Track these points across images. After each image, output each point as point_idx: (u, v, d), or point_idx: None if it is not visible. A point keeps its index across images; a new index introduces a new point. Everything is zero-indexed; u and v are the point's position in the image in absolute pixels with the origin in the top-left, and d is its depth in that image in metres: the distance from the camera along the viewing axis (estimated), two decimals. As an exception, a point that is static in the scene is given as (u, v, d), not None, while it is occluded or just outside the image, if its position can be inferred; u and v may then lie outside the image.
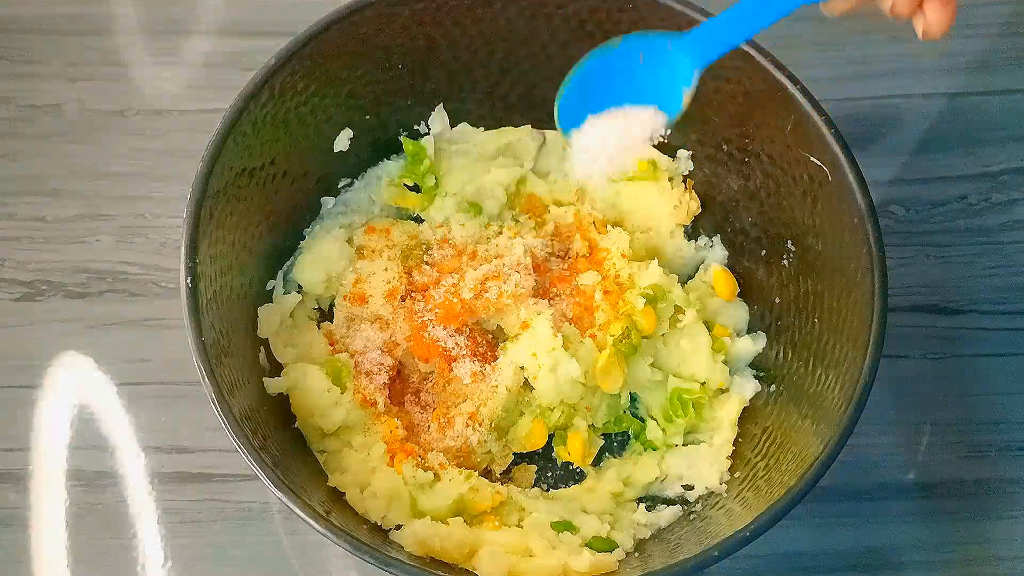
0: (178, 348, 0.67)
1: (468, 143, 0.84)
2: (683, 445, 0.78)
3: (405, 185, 0.84)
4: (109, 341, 0.83)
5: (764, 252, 0.79)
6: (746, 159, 0.77)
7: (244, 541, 0.77)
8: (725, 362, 0.78)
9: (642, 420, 0.79)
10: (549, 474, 0.78)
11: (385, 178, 0.84)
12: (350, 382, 0.75)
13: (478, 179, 0.83)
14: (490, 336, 0.79)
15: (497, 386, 0.75)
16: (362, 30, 0.74)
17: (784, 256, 0.77)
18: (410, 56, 0.78)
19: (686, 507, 0.74)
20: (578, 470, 0.78)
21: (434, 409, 0.76)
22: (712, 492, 0.74)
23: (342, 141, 0.80)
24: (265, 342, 0.76)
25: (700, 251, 0.83)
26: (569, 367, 0.75)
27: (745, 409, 0.77)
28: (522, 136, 0.84)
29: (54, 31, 0.94)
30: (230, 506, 0.78)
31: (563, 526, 0.71)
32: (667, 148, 0.83)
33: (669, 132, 0.68)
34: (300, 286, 0.80)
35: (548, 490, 0.77)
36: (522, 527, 0.72)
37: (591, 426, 0.78)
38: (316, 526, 0.60)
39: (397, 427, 0.74)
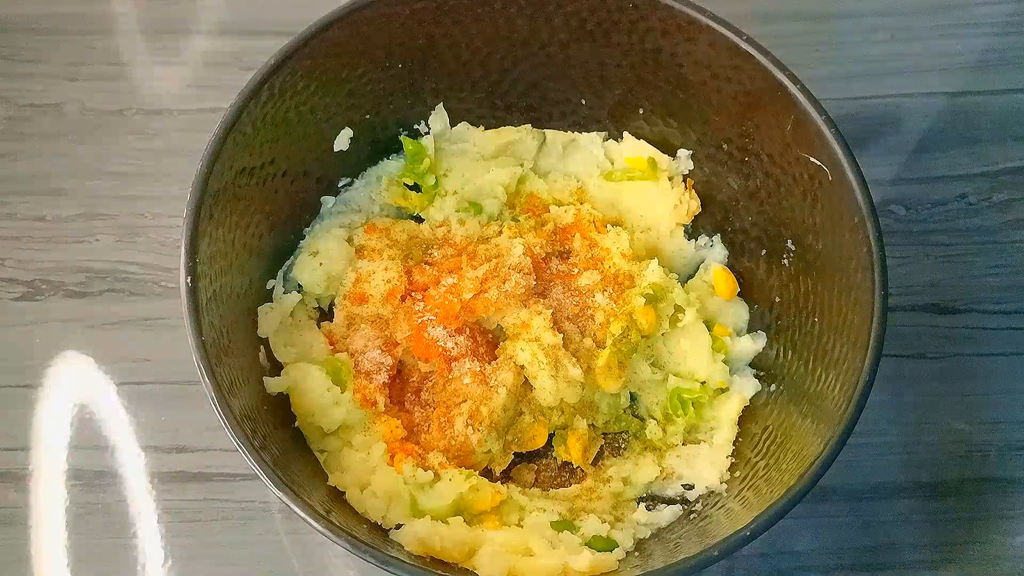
0: (178, 348, 0.67)
1: (468, 143, 0.84)
2: (683, 445, 0.78)
3: (405, 185, 0.84)
4: (109, 341, 0.83)
5: (764, 252, 0.79)
6: (746, 159, 0.77)
7: (244, 541, 0.77)
8: (725, 361, 0.78)
9: (642, 420, 0.79)
10: (549, 474, 0.78)
11: (385, 178, 0.84)
12: (350, 382, 0.75)
13: (478, 179, 0.83)
14: (490, 336, 0.79)
15: (497, 386, 0.75)
16: (362, 29, 0.74)
17: (784, 256, 0.77)
18: (410, 56, 0.78)
19: (686, 506, 0.74)
20: (578, 470, 0.78)
21: (434, 409, 0.76)
22: (712, 491, 0.74)
23: (342, 141, 0.80)
24: (265, 342, 0.76)
25: (700, 250, 0.83)
26: (569, 367, 0.75)
27: (745, 409, 0.77)
28: (522, 136, 0.84)
29: (54, 31, 0.94)
30: (230, 506, 0.78)
31: (563, 526, 0.71)
32: (667, 147, 0.83)
33: None
34: (300, 286, 0.80)
35: (548, 490, 0.77)
36: (522, 527, 0.71)
37: (591, 426, 0.78)
38: (316, 525, 0.59)
39: (397, 427, 0.74)
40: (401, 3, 0.74)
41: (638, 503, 0.76)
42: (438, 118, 0.83)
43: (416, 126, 0.84)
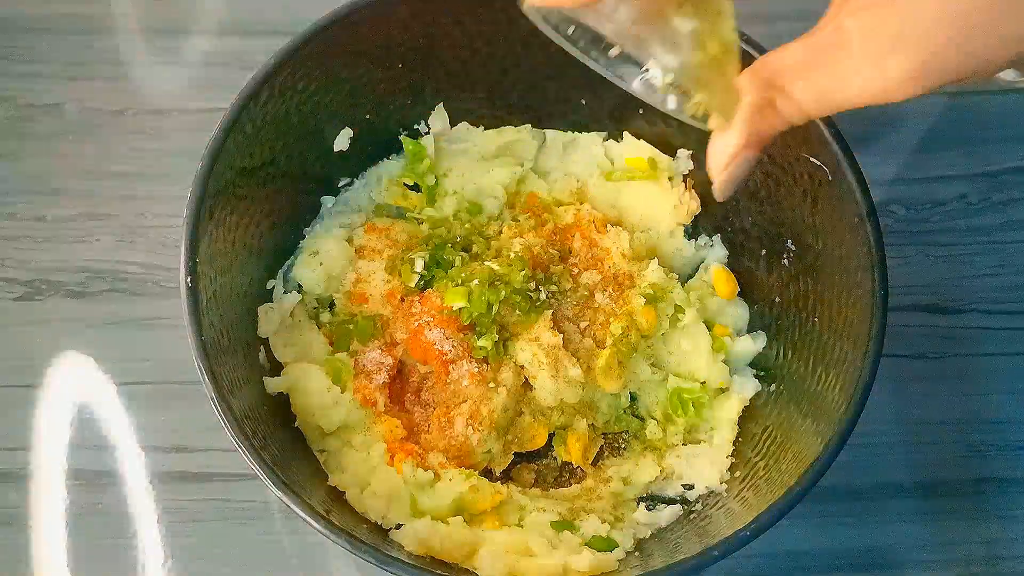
0: (178, 348, 0.67)
1: (468, 143, 0.84)
2: (683, 444, 0.78)
3: (405, 184, 0.84)
4: (109, 341, 0.83)
5: (764, 252, 0.79)
6: (746, 159, 0.77)
7: (244, 541, 0.77)
8: (725, 361, 0.78)
9: (642, 420, 0.79)
10: (549, 474, 0.78)
11: (385, 177, 0.84)
12: (350, 382, 0.75)
13: (478, 179, 0.83)
14: (490, 336, 0.79)
15: (497, 386, 0.75)
16: (362, 29, 0.74)
17: (784, 256, 0.77)
18: (410, 55, 0.78)
19: (686, 506, 0.74)
20: (578, 470, 0.78)
21: (434, 409, 0.76)
22: (712, 491, 0.74)
23: (342, 141, 0.80)
24: (265, 342, 0.76)
25: (700, 250, 0.83)
26: (569, 367, 0.75)
27: (745, 408, 0.77)
28: (522, 136, 0.84)
29: (54, 31, 0.94)
30: (230, 506, 0.78)
31: (563, 526, 0.71)
32: (667, 147, 0.83)
33: None
34: (300, 286, 0.80)
35: (548, 490, 0.77)
36: (522, 527, 0.72)
37: (591, 426, 0.78)
38: (316, 525, 0.59)
39: (397, 427, 0.74)
40: (401, 2, 0.74)
41: (638, 503, 0.76)
42: (438, 118, 0.83)
43: (416, 126, 0.84)
